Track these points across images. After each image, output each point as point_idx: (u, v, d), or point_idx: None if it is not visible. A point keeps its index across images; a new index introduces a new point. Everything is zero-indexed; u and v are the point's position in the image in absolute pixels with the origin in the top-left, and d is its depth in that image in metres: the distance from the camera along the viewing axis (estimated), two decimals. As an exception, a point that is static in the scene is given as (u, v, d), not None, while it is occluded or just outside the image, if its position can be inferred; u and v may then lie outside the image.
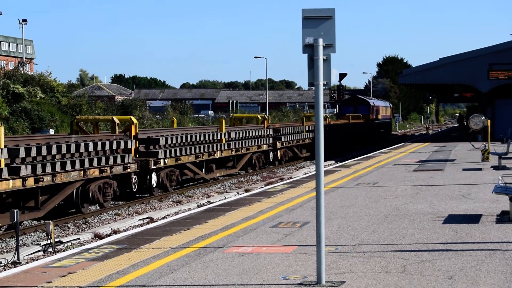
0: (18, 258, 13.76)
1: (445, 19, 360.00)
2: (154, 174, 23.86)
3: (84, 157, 20.48)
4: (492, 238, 12.13)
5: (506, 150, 26.30)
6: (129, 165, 22.25)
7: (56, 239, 15.71)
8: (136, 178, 23.09)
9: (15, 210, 13.83)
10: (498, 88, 47.95)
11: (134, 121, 24.17)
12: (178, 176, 25.76)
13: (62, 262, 11.08)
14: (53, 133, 41.71)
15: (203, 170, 28.64)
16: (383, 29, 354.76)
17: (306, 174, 29.77)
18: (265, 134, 35.55)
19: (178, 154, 25.27)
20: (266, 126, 37.26)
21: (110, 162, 21.26)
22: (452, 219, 14.21)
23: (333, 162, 37.55)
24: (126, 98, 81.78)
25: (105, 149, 21.66)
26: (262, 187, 24.08)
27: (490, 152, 28.54)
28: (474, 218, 14.25)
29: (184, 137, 26.77)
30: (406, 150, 39.92)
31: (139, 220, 19.20)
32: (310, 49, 9.29)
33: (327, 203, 16.53)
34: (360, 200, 17.63)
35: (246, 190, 25.20)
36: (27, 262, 13.47)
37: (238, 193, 24.83)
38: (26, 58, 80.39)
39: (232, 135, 31.30)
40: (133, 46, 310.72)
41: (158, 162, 23.85)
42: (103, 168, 20.83)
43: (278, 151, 37.07)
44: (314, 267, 9.68)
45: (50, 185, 18.53)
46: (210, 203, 20.58)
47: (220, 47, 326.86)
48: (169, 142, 25.42)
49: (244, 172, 33.50)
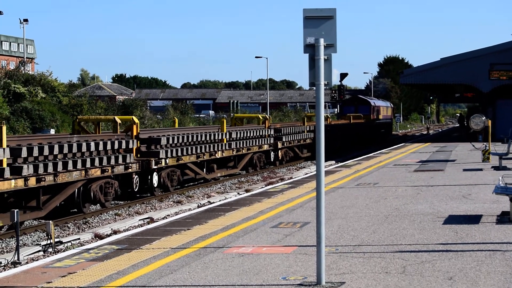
0: (18, 258, 13.77)
1: (446, 19, 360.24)
2: (155, 174, 23.88)
3: (85, 157, 20.50)
4: (492, 239, 12.14)
5: (507, 151, 26.27)
6: (130, 165, 22.26)
7: (56, 239, 15.72)
8: (137, 178, 23.10)
9: (15, 210, 13.84)
10: (499, 88, 47.93)
11: (136, 121, 24.18)
12: (179, 176, 25.77)
13: (62, 262, 11.09)
14: (53, 133, 41.74)
15: (204, 170, 28.66)
16: (384, 29, 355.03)
17: (306, 174, 29.77)
18: (266, 134, 35.55)
19: (179, 154, 25.28)
20: (267, 126, 37.27)
21: (112, 162, 21.28)
22: (452, 220, 14.21)
23: (333, 162, 37.57)
24: (127, 98, 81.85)
25: (106, 149, 21.68)
26: (262, 187, 24.08)
27: (491, 152, 28.53)
28: (474, 219, 14.25)
29: (185, 137, 26.78)
30: (406, 150, 39.92)
31: (139, 220, 19.21)
32: (311, 49, 9.29)
33: (328, 204, 16.53)
34: (360, 200, 17.63)
35: (247, 190, 25.20)
36: (27, 262, 13.48)
37: (238, 193, 24.84)
38: (27, 57, 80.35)
39: (233, 135, 31.31)
40: (134, 46, 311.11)
41: (160, 162, 23.86)
42: (105, 168, 20.84)
43: (279, 151, 37.07)
44: (314, 268, 9.69)
45: (51, 185, 18.55)
46: (211, 203, 20.58)
47: (221, 47, 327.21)
48: (170, 142, 25.43)
49: (244, 172, 33.50)
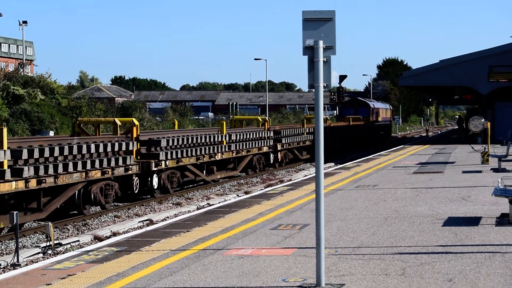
0: (18, 260, 13.76)
1: (445, 21, 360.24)
2: (155, 175, 23.88)
3: (86, 158, 20.51)
4: (491, 241, 12.14)
5: (506, 153, 26.30)
6: (130, 166, 22.27)
7: (55, 241, 15.72)
8: (137, 180, 23.10)
9: (15, 212, 13.84)
10: (498, 90, 47.96)
11: (136, 123, 24.19)
12: (179, 177, 25.77)
13: (62, 264, 11.09)
14: (53, 134, 41.73)
15: (204, 172, 28.66)
16: (383, 31, 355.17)
17: (306, 176, 29.78)
18: (265, 136, 35.55)
19: (179, 156, 25.29)
20: (266, 128, 37.29)
21: (112, 163, 21.29)
22: (451, 222, 14.22)
23: (333, 164, 37.59)
24: (126, 100, 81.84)
25: (106, 151, 21.69)
26: (262, 189, 24.08)
27: (490, 154, 28.55)
28: (473, 221, 14.27)
29: (185, 139, 26.79)
30: (406, 152, 39.93)
31: (139, 222, 19.20)
32: (310, 51, 9.30)
33: (327, 206, 16.54)
34: (359, 202, 17.64)
35: (246, 192, 25.20)
36: (27, 264, 13.47)
37: (237, 195, 24.84)
38: (26, 59, 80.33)
39: (233, 137, 31.32)
40: (133, 48, 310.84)
41: (160, 164, 23.87)
42: (105, 169, 20.85)
43: (279, 153, 37.08)
44: (314, 270, 9.69)
45: (52, 186, 18.56)
46: (210, 205, 20.59)
47: (220, 49, 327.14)
48: (170, 144, 25.44)
49: (244, 174, 33.51)
